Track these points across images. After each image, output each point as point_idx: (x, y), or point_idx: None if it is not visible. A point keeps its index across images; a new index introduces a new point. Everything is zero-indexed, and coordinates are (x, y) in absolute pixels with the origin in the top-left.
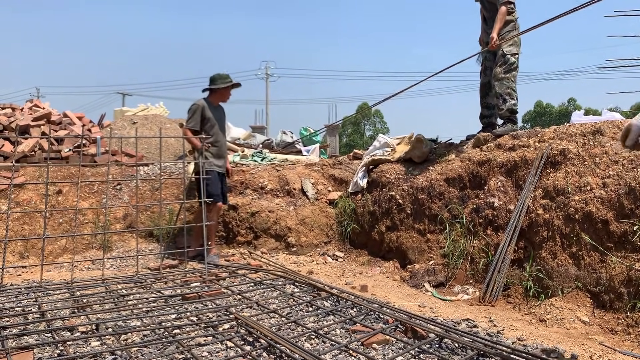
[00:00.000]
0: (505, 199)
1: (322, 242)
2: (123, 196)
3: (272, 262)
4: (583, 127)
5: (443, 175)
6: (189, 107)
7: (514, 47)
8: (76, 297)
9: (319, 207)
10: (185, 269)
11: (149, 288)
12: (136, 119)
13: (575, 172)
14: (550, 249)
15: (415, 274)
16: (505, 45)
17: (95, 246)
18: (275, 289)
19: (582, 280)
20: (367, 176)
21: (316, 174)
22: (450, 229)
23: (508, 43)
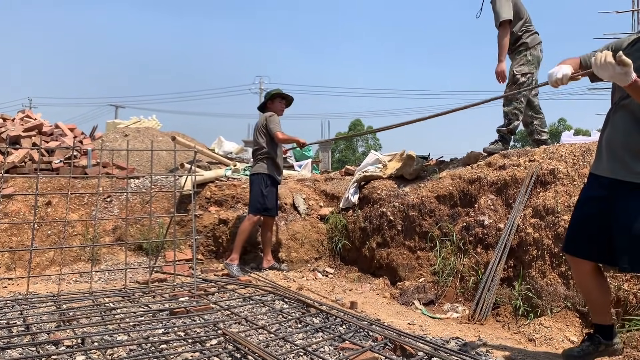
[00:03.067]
0: (495, 217)
1: (313, 257)
2: (113, 209)
3: (262, 278)
4: (573, 147)
5: (434, 193)
6: (267, 117)
7: (525, 66)
8: (62, 310)
9: (310, 222)
10: (174, 283)
11: (137, 302)
12: (128, 131)
13: (564, 191)
14: (539, 268)
15: (405, 291)
16: (516, 65)
17: (83, 259)
18: (265, 305)
19: (571, 300)
20: (359, 192)
21: (308, 189)
22: (440, 247)
23: (519, 63)
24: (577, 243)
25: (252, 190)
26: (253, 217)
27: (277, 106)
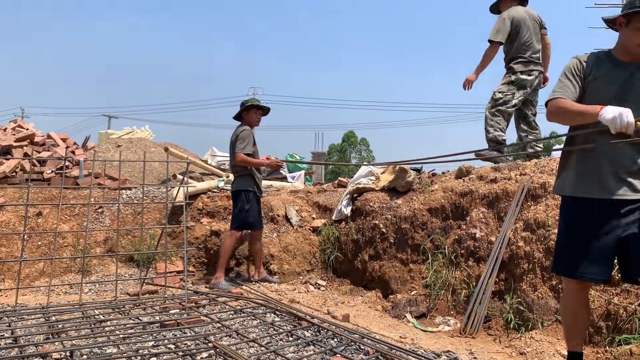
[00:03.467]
0: (486, 230)
1: (305, 270)
2: (104, 220)
3: (254, 290)
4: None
5: (426, 205)
6: (238, 133)
7: (505, 86)
8: (51, 322)
9: (303, 234)
10: (165, 295)
11: (127, 314)
12: (121, 142)
13: (555, 205)
14: (530, 282)
15: (397, 304)
16: (500, 83)
17: (74, 270)
18: (256, 318)
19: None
20: (352, 204)
21: (300, 200)
22: (432, 260)
23: (502, 81)
24: (583, 266)
25: (234, 207)
26: (235, 233)
27: (252, 117)
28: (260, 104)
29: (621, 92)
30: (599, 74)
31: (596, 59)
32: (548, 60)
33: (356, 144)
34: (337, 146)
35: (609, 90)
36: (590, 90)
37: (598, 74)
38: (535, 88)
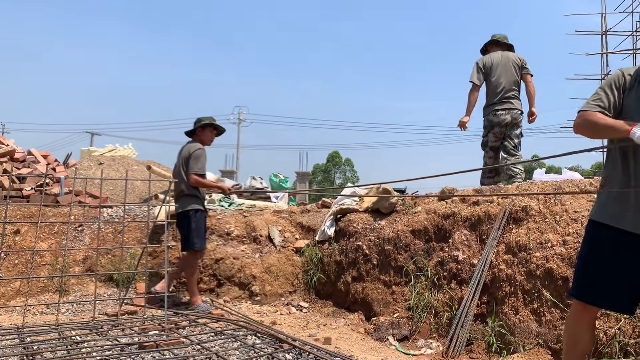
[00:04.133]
0: (469, 252)
1: (287, 291)
2: (84, 238)
3: (235, 312)
4: (544, 185)
5: (409, 227)
6: (192, 151)
7: (483, 129)
8: (26, 343)
9: (286, 255)
10: (144, 316)
11: (105, 335)
12: (103, 159)
13: (536, 228)
14: (512, 305)
15: (380, 326)
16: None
17: (51, 289)
18: (236, 340)
19: (543, 337)
20: (335, 225)
21: (284, 221)
22: (415, 282)
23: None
24: (597, 292)
25: (184, 227)
26: (197, 253)
27: (207, 135)
28: (216, 123)
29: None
30: (636, 92)
31: (638, 74)
32: (531, 97)
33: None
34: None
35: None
36: (625, 105)
37: (635, 93)
38: (510, 124)
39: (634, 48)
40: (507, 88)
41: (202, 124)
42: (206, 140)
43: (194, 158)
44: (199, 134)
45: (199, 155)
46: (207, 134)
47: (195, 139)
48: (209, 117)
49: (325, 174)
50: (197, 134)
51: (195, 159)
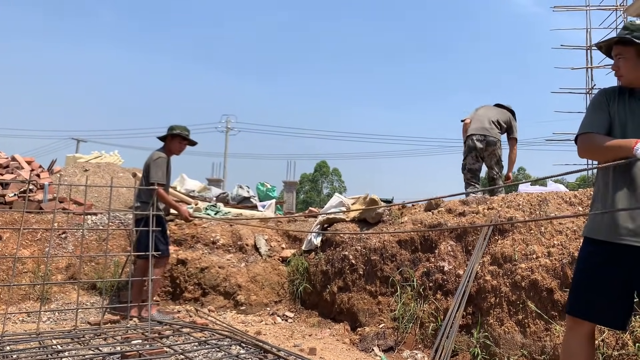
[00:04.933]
0: (455, 263)
1: (273, 301)
2: (68, 245)
3: (219, 321)
4: (530, 196)
5: (395, 237)
6: (154, 159)
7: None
8: (5, 352)
9: (272, 264)
10: (127, 325)
11: (87, 344)
12: (88, 166)
13: (522, 240)
14: (497, 316)
15: (365, 337)
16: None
17: (32, 297)
18: (221, 350)
19: (527, 348)
20: (322, 234)
21: (270, 230)
22: (401, 292)
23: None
24: (591, 307)
25: (142, 233)
26: (161, 260)
27: (175, 145)
28: (188, 135)
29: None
30: (617, 108)
31: (618, 91)
32: (511, 163)
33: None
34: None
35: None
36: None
37: (616, 108)
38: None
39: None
40: (475, 126)
41: (172, 133)
42: (174, 149)
43: (155, 167)
44: (168, 142)
45: (159, 164)
46: (175, 143)
47: (164, 146)
48: (182, 127)
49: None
50: (167, 141)
51: (155, 167)
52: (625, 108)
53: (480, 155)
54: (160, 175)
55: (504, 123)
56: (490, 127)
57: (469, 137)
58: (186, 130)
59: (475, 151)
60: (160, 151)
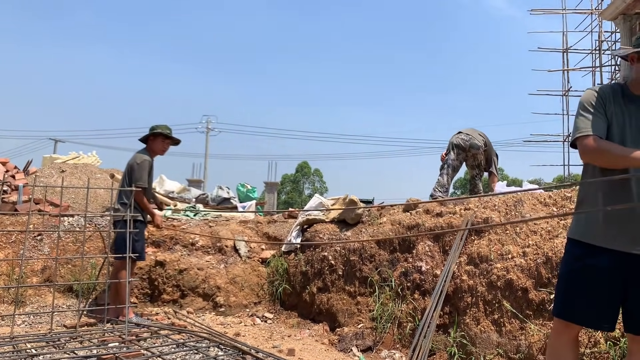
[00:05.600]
0: (432, 263)
1: (252, 302)
2: (43, 248)
3: (198, 323)
4: (505, 197)
5: (374, 237)
6: (139, 161)
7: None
8: None
9: (251, 265)
10: (104, 328)
11: (62, 348)
12: (65, 167)
13: (497, 240)
14: (473, 315)
15: (344, 337)
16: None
17: (6, 300)
18: (199, 352)
19: (503, 347)
20: (301, 236)
21: (250, 231)
22: (379, 292)
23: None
24: (581, 310)
25: (120, 235)
26: (133, 263)
27: (158, 145)
28: (170, 133)
29: (631, 131)
30: (614, 109)
31: (612, 91)
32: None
33: (310, 174)
34: (290, 176)
35: (619, 128)
36: (610, 119)
37: (613, 110)
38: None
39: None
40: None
41: (153, 133)
42: (157, 150)
43: (140, 169)
44: (150, 142)
45: (144, 167)
46: (158, 143)
47: (147, 147)
48: (163, 126)
49: (294, 184)
50: (149, 142)
51: (139, 169)
52: (623, 110)
53: (461, 155)
54: (145, 179)
55: (489, 148)
56: (477, 136)
57: (454, 136)
58: (168, 129)
59: (457, 149)
60: (143, 153)
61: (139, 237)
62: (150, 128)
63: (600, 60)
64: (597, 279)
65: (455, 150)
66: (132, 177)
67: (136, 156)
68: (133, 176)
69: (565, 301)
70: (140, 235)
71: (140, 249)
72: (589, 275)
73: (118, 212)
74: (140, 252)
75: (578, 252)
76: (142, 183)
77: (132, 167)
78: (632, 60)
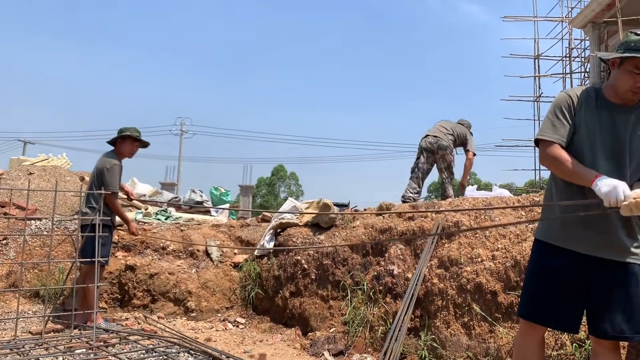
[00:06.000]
0: (404, 267)
1: (224, 307)
2: (9, 252)
3: (169, 328)
4: (475, 201)
5: (347, 241)
6: (108, 166)
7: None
8: None
9: (223, 270)
10: (71, 334)
11: (27, 355)
12: (33, 169)
13: (467, 243)
14: (444, 319)
15: (316, 342)
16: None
17: None
18: (168, 357)
19: (473, 350)
20: (275, 239)
21: (222, 235)
22: (352, 296)
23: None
24: (544, 311)
25: (88, 239)
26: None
27: (127, 147)
28: (139, 136)
29: (602, 138)
30: (585, 114)
31: (586, 96)
32: (465, 171)
33: (285, 178)
34: (266, 180)
35: (590, 134)
36: (575, 126)
37: (584, 115)
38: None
39: (563, 72)
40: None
41: (122, 135)
42: (125, 152)
43: (110, 174)
44: (119, 145)
45: (115, 172)
46: (126, 145)
47: (115, 150)
48: (132, 128)
49: (269, 188)
50: (117, 144)
51: (110, 173)
52: (595, 115)
53: (430, 157)
54: (116, 183)
55: (459, 135)
56: (444, 134)
57: (422, 139)
58: (137, 131)
59: (426, 152)
60: (112, 157)
61: (106, 241)
62: (118, 130)
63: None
64: (556, 279)
65: (425, 154)
66: (102, 181)
67: (105, 160)
68: (104, 181)
69: (528, 302)
70: (108, 239)
71: (106, 254)
72: (549, 275)
73: (86, 215)
74: (105, 256)
75: (541, 252)
76: (114, 188)
77: (102, 172)
78: (613, 64)
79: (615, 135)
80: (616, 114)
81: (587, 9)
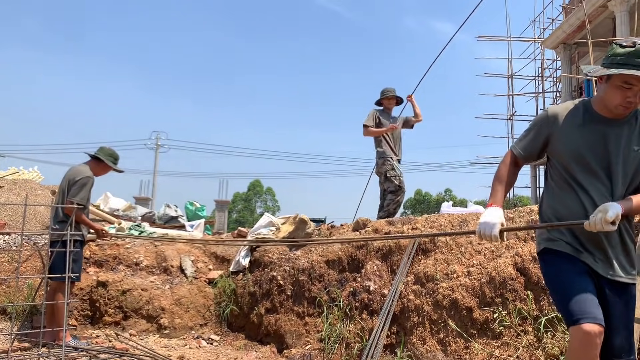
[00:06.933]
0: (380, 283)
1: (198, 324)
2: None
3: (141, 346)
4: (451, 217)
5: (324, 257)
6: (79, 178)
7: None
8: None
9: (197, 286)
10: (39, 352)
11: None
12: (3, 182)
13: (443, 259)
14: (420, 335)
15: (292, 359)
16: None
17: None
18: None
19: None
20: (250, 255)
21: (197, 250)
22: (328, 312)
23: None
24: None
25: (58, 255)
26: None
27: (99, 170)
28: (115, 163)
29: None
30: (566, 128)
31: (572, 111)
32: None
33: (262, 193)
34: (242, 195)
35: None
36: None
37: (566, 129)
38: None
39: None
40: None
41: (98, 158)
42: (97, 172)
43: (79, 185)
44: (93, 163)
45: (84, 184)
46: (100, 168)
47: (89, 163)
48: (110, 152)
49: (246, 203)
50: (92, 161)
51: (79, 186)
52: (577, 130)
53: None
54: (83, 197)
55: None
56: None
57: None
58: (114, 156)
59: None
60: (85, 169)
61: (78, 257)
62: (99, 148)
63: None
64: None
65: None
66: (70, 193)
67: (77, 172)
68: (74, 193)
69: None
70: (79, 255)
71: (78, 270)
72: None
73: (56, 231)
74: (77, 272)
75: (550, 258)
76: (81, 200)
77: (74, 183)
78: (601, 79)
79: (604, 149)
80: (606, 127)
81: (558, 30)
